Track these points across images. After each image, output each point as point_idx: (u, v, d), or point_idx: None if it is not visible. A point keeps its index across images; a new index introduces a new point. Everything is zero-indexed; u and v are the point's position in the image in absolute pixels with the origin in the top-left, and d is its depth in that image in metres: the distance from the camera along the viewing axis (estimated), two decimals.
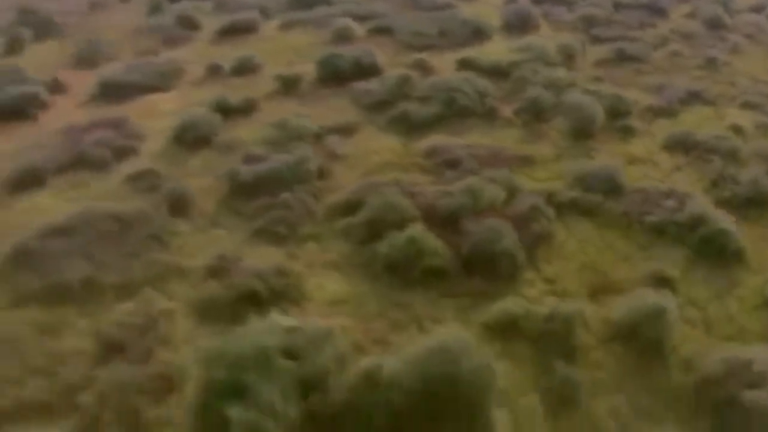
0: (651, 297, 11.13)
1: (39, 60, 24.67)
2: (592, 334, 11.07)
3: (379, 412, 9.38)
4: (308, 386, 9.71)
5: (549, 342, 10.78)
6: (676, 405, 9.97)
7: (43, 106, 20.71)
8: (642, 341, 10.76)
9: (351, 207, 14.14)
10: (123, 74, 22.05)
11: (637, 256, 12.92)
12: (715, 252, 12.77)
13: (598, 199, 14.20)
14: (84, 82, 22.74)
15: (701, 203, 13.89)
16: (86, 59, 24.38)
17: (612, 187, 14.53)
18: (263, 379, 9.58)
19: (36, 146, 18.09)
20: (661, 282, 12.06)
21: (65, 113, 20.69)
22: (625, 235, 13.50)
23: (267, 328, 10.40)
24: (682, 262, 12.72)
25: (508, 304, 11.39)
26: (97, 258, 13.29)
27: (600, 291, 11.98)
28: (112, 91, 21.33)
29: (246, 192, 14.96)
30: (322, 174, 15.48)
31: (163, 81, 21.83)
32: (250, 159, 15.89)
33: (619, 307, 11.32)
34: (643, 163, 15.88)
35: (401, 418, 9.38)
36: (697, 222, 13.30)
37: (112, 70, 22.84)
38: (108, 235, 13.94)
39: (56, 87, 21.68)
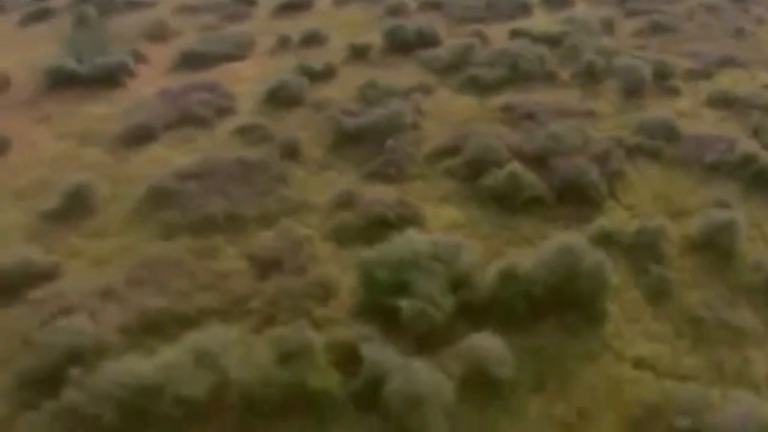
0: (721, 213, 13.36)
1: (110, 35, 26.26)
2: (675, 245, 13.27)
3: (519, 302, 11.47)
4: (457, 283, 11.78)
5: (641, 251, 12.97)
6: (750, 296, 12.19)
7: (131, 74, 22.47)
8: (717, 249, 13.00)
9: (448, 152, 16.21)
10: (200, 45, 23.83)
11: (700, 189, 15.16)
12: (766, 183, 15.05)
13: (659, 144, 16.42)
14: (161, 53, 24.45)
15: (749, 146, 16.12)
16: (155, 34, 26.06)
17: (670, 134, 16.77)
18: (421, 277, 11.64)
19: (138, 108, 19.83)
20: (724, 207, 14.28)
21: (152, 80, 22.41)
22: (687, 172, 15.74)
23: (412, 239, 12.46)
24: (738, 192, 14.97)
25: (602, 223, 13.58)
26: (232, 196, 15.18)
27: (674, 214, 14.21)
28: (193, 61, 23.07)
29: (350, 141, 16.93)
30: (414, 126, 17.50)
31: (238, 51, 23.64)
32: (347, 113, 17.84)
33: (694, 224, 13.55)
34: (691, 117, 18.12)
35: (536, 306, 11.51)
36: (748, 160, 15.54)
37: (186, 42, 24.61)
38: (236, 177, 15.85)
39: (138, 57, 23.39)
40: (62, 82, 22.22)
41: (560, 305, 11.57)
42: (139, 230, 14.53)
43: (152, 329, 11.74)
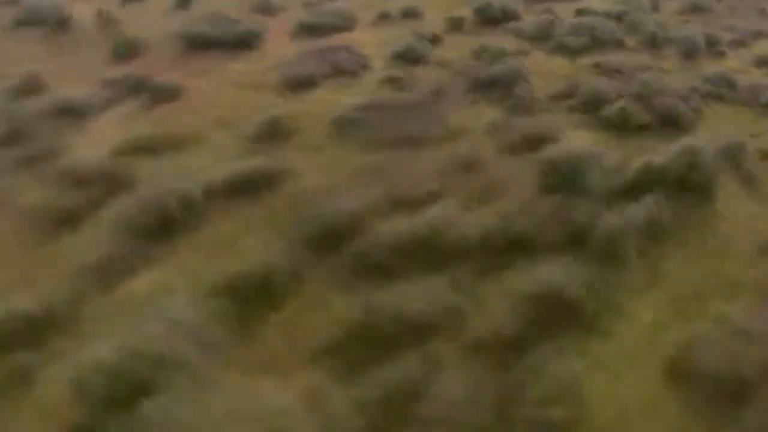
0: None
1: (215, 9, 29.78)
2: (753, 155, 17.92)
3: (657, 186, 15.88)
4: (609, 173, 16.12)
5: (729, 156, 17.56)
6: None
7: (262, 39, 26.14)
8: None
9: (564, 95, 20.62)
10: (312, 17, 27.63)
11: (761, 120, 19.99)
12: None
13: (723, 91, 21.23)
14: (274, 24, 28.16)
15: None
16: (263, 8, 29.75)
17: (728, 84, 21.60)
18: (587, 166, 15.92)
19: (287, 64, 23.59)
20: None
21: (281, 44, 26.14)
22: (748, 110, 20.55)
23: (569, 145, 16.77)
24: None
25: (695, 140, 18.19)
26: (409, 122, 19.22)
27: (747, 134, 18.89)
28: (310, 30, 26.90)
29: (482, 88, 21.15)
30: (526, 79, 21.82)
31: (345, 23, 27.53)
32: (473, 68, 22.05)
33: (766, 140, 18.29)
34: (742, 72, 23.02)
35: (669, 189, 15.92)
36: None
37: (294, 15, 28.39)
38: (404, 110, 19.91)
39: (261, 26, 27.06)
40: (198, 46, 25.82)
41: (685, 189, 16.05)
42: (341, 147, 18.40)
43: (401, 206, 15.47)
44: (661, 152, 17.10)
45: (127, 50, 26.26)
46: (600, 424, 10.74)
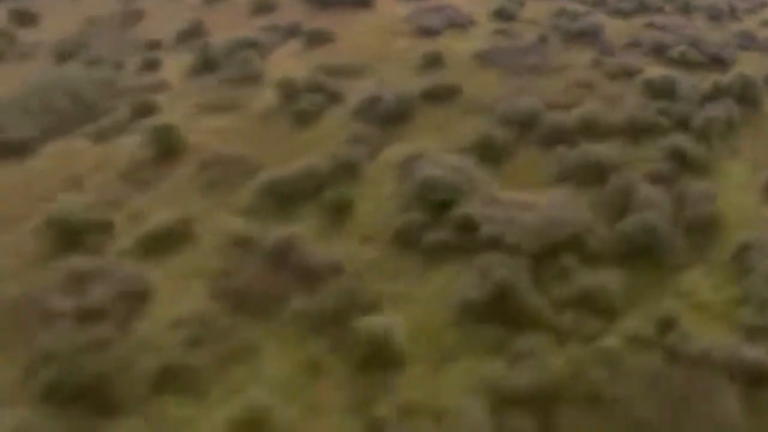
0: None
1: None
2: None
3: (724, 97, 22.42)
4: (690, 88, 22.63)
5: (766, 83, 24.39)
6: None
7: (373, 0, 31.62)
8: None
9: (633, 44, 27.08)
10: None
11: None
12: None
13: (748, 43, 28.16)
14: None
15: None
16: None
17: (750, 37, 28.58)
18: (675, 84, 22.36)
19: (408, 18, 29.12)
20: None
21: (390, 5, 31.59)
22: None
23: (656, 74, 23.19)
24: None
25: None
26: (529, 59, 25.20)
27: None
28: None
29: (574, 38, 27.35)
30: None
31: None
32: (562, 23, 28.25)
33: None
34: (758, 30, 30.02)
35: (736, 98, 22.50)
36: None
37: None
38: (522, 51, 25.87)
39: None
40: (321, 4, 31.08)
41: (742, 100, 22.68)
42: (487, 73, 24.24)
43: (555, 107, 21.36)
44: (727, 74, 23.84)
45: (263, 6, 31.29)
46: (731, 220, 17.11)
